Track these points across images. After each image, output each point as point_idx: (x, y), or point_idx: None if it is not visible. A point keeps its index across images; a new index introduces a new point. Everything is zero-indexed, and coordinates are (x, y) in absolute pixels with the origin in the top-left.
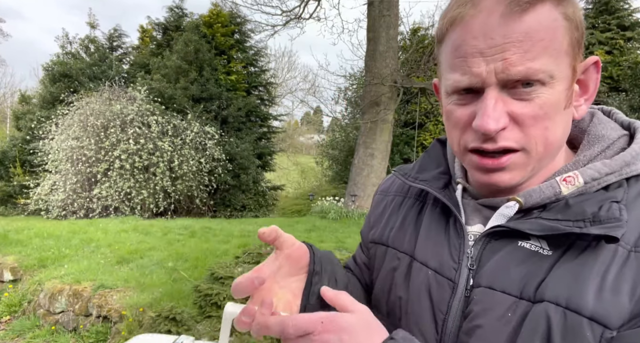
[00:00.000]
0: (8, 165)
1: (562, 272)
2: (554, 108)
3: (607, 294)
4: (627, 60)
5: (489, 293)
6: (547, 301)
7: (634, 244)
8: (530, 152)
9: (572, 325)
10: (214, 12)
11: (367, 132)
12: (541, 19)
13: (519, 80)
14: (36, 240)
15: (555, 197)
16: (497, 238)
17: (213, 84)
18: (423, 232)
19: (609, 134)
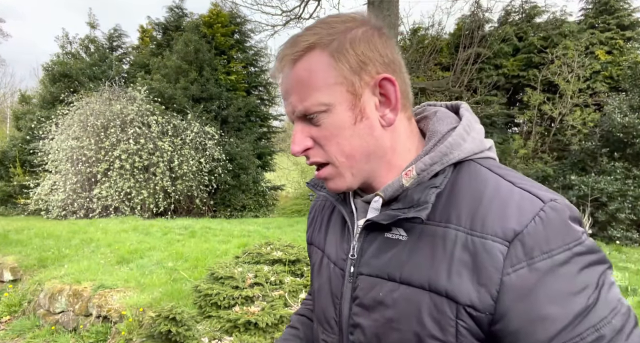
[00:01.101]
0: (8, 165)
1: (420, 257)
2: (339, 127)
3: (454, 276)
4: (627, 60)
5: (366, 279)
6: (411, 284)
7: (469, 227)
8: (335, 163)
9: (435, 304)
10: (214, 12)
11: None
12: (308, 65)
13: (304, 115)
14: (36, 240)
15: (401, 188)
16: (371, 231)
17: (213, 84)
18: (330, 230)
19: (441, 129)
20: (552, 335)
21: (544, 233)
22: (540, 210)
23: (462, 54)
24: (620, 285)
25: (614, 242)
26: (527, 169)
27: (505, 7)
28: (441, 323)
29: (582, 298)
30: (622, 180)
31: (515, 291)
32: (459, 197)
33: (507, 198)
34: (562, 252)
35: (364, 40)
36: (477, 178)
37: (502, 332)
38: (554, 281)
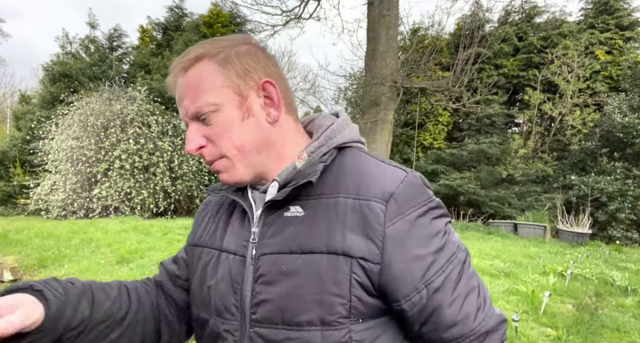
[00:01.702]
0: (8, 165)
1: (318, 226)
2: (228, 124)
3: (348, 235)
4: (626, 60)
5: (267, 257)
6: (312, 252)
7: (356, 194)
8: (228, 156)
9: (332, 263)
10: (214, 12)
11: (367, 132)
12: (198, 72)
13: (196, 115)
14: (36, 240)
15: (295, 170)
16: (269, 214)
17: None
18: (229, 228)
19: (325, 123)
20: (424, 270)
21: (409, 193)
22: (405, 177)
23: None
24: (620, 285)
25: (614, 242)
26: (527, 168)
27: (505, 7)
28: (338, 279)
29: (437, 240)
30: (622, 180)
31: (394, 240)
32: (345, 173)
33: (383, 171)
34: (421, 206)
35: (248, 54)
36: (358, 159)
37: (387, 277)
38: (418, 229)
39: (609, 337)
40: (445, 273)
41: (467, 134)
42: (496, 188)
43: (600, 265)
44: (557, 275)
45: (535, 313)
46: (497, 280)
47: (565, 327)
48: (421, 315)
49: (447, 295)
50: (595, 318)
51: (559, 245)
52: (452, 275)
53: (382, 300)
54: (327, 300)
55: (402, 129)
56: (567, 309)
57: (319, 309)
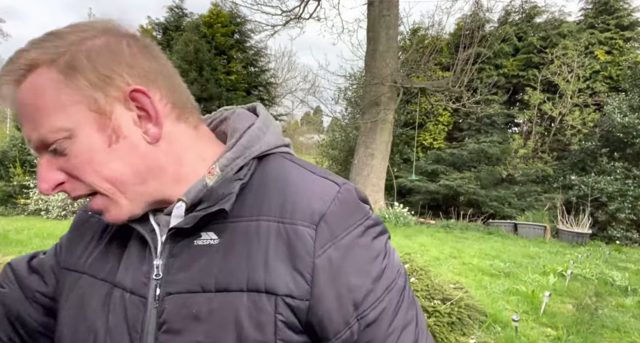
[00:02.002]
0: (8, 165)
1: (236, 257)
2: (90, 153)
3: (271, 268)
4: (626, 60)
5: (175, 298)
6: (228, 289)
7: (280, 216)
8: (101, 192)
9: (254, 303)
10: (214, 12)
11: (367, 132)
12: (32, 87)
13: (44, 146)
14: (36, 240)
15: (205, 188)
16: (175, 242)
17: (213, 84)
18: (125, 257)
19: (241, 126)
20: (359, 302)
21: (343, 212)
22: (337, 193)
23: (462, 54)
24: (620, 285)
25: (614, 242)
26: (527, 168)
27: (505, 7)
28: (260, 322)
29: (377, 265)
30: (622, 180)
31: (326, 271)
32: (267, 189)
33: (310, 186)
34: (357, 226)
35: (106, 50)
36: (282, 170)
37: (317, 315)
38: (354, 254)
39: (609, 337)
40: (382, 305)
41: (467, 134)
42: (496, 188)
43: (600, 265)
44: (557, 275)
45: (535, 313)
46: (497, 280)
47: (565, 327)
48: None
49: (382, 330)
50: (595, 318)
51: (559, 245)
52: (389, 307)
53: (309, 338)
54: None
55: (402, 129)
56: (567, 309)
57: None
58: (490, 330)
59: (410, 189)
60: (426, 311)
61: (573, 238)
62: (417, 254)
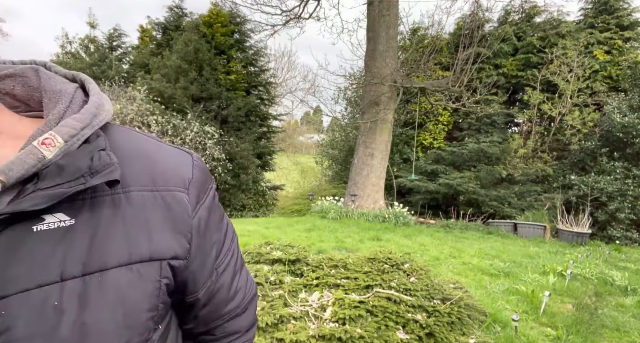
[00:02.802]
0: None
1: (110, 234)
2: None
3: (156, 236)
4: (626, 60)
5: (19, 298)
6: (106, 268)
7: (152, 185)
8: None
9: (139, 273)
10: (214, 12)
11: (367, 132)
12: None
13: None
14: None
15: (41, 163)
16: (2, 230)
17: (213, 84)
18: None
19: (65, 88)
20: (218, 254)
21: (202, 177)
22: (194, 161)
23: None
24: (620, 285)
25: (614, 242)
26: (527, 168)
27: (505, 7)
28: (147, 290)
29: (225, 221)
30: (622, 180)
31: (198, 230)
32: (127, 160)
33: (171, 155)
34: (212, 190)
35: None
36: (133, 140)
37: (191, 271)
38: (212, 213)
39: (609, 337)
40: (230, 253)
41: (467, 134)
42: (496, 188)
43: (600, 265)
44: (557, 275)
45: (535, 313)
46: (497, 280)
47: (565, 327)
48: (209, 298)
49: (230, 274)
50: (595, 318)
51: (559, 245)
52: (234, 254)
53: (178, 295)
54: (135, 321)
55: (402, 129)
56: (567, 309)
57: (119, 339)
58: (490, 330)
59: (410, 189)
60: (426, 311)
61: (573, 238)
62: (417, 254)
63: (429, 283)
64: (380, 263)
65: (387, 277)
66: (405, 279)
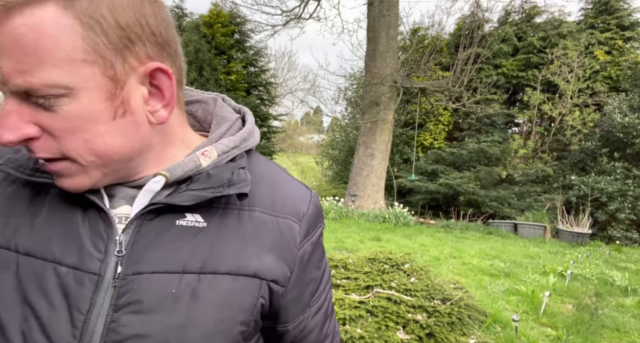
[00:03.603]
0: None
1: (228, 243)
2: (89, 120)
3: (263, 256)
4: (626, 60)
5: (150, 277)
6: (217, 272)
7: (272, 209)
8: (79, 161)
9: (242, 286)
10: (214, 12)
11: (367, 132)
12: (37, 22)
13: (26, 92)
14: None
15: (196, 169)
16: (151, 219)
17: (213, 84)
18: (45, 224)
19: (230, 116)
20: (313, 292)
21: (315, 214)
22: (311, 197)
23: (462, 54)
24: (620, 285)
25: (614, 242)
26: (527, 168)
27: (505, 7)
28: (245, 304)
29: (324, 261)
30: (622, 180)
31: (301, 262)
32: (258, 184)
33: (293, 186)
34: (320, 227)
35: (131, 6)
36: (266, 167)
37: (286, 300)
38: (316, 250)
39: (609, 337)
40: (324, 294)
41: (467, 134)
42: (496, 188)
43: (600, 265)
44: (557, 275)
45: (535, 313)
46: (497, 280)
47: (565, 327)
48: (298, 335)
49: (321, 316)
50: (595, 318)
51: (559, 245)
52: (327, 297)
53: (270, 321)
54: (228, 329)
55: (402, 129)
56: (567, 309)
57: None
58: (490, 330)
59: (410, 189)
60: (426, 311)
61: (573, 238)
62: (417, 254)
63: (429, 283)
64: (380, 263)
65: (387, 277)
66: (405, 279)
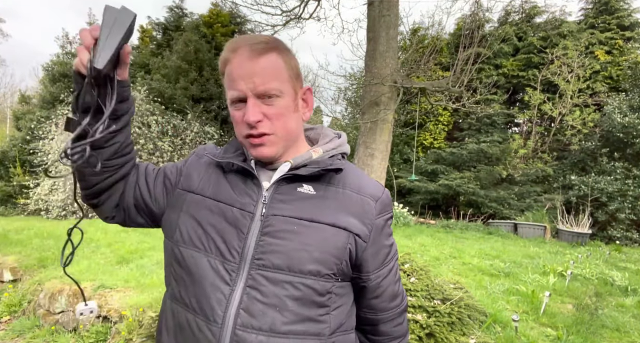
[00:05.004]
0: (8, 165)
1: (326, 206)
2: (286, 110)
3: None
4: (627, 60)
5: (279, 218)
6: (320, 222)
7: (357, 191)
8: (277, 134)
9: (336, 233)
10: (214, 12)
11: (367, 132)
12: (271, 59)
13: (264, 94)
14: (36, 240)
15: (309, 159)
16: (281, 185)
17: (213, 84)
18: (227, 186)
19: (330, 134)
20: (385, 256)
21: (386, 201)
22: (384, 190)
23: (462, 54)
24: (620, 285)
25: (614, 242)
26: (527, 168)
27: (505, 7)
28: (338, 245)
29: (392, 238)
30: (622, 180)
31: (376, 230)
32: (348, 174)
33: (371, 181)
34: (389, 212)
35: (295, 60)
36: (354, 168)
37: (367, 254)
38: (386, 227)
39: (609, 337)
40: (392, 261)
41: (467, 134)
42: (496, 188)
43: (600, 265)
44: (557, 275)
45: (535, 313)
46: (497, 280)
47: (565, 327)
48: (377, 288)
49: (392, 277)
50: (595, 318)
51: (559, 245)
52: (396, 264)
53: (355, 271)
54: (327, 258)
55: (402, 129)
56: (567, 309)
57: (319, 264)
58: (490, 330)
59: (410, 189)
60: (426, 311)
61: (573, 238)
62: (417, 254)
63: (429, 283)
64: None
65: None
66: (405, 279)
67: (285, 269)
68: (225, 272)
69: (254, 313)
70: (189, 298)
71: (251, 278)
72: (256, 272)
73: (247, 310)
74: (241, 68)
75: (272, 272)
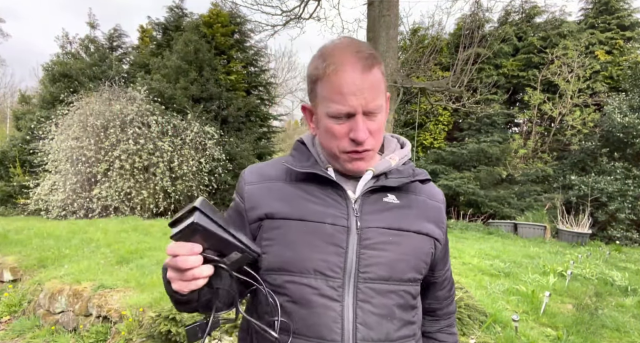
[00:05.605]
0: (8, 165)
1: (410, 214)
2: (383, 124)
3: (429, 225)
4: (627, 60)
5: (374, 229)
6: (409, 230)
7: (429, 197)
8: (375, 149)
9: (422, 240)
10: (214, 12)
11: None
12: (376, 74)
13: (371, 112)
14: (36, 240)
15: (389, 167)
16: (369, 196)
17: (213, 84)
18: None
19: (394, 141)
20: (447, 253)
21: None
22: (443, 195)
23: (462, 54)
24: (620, 285)
25: (614, 242)
26: (527, 168)
27: (505, 7)
28: (425, 251)
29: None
30: (622, 180)
31: (445, 232)
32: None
33: (434, 185)
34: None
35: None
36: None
37: (439, 255)
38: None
39: (609, 337)
40: (449, 259)
41: (467, 134)
42: (496, 188)
43: (600, 265)
44: (557, 275)
45: (535, 313)
46: (497, 280)
47: (565, 327)
48: (444, 281)
49: (450, 269)
50: (595, 318)
51: (559, 245)
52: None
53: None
54: (419, 265)
55: (402, 129)
56: (567, 309)
57: (414, 271)
58: (490, 330)
59: None
60: None
61: (573, 238)
62: None
63: None
64: None
65: None
66: None
67: (389, 279)
68: (330, 289)
69: (371, 326)
70: (293, 323)
71: (361, 292)
72: (364, 285)
73: (365, 323)
74: (354, 83)
75: (378, 284)
